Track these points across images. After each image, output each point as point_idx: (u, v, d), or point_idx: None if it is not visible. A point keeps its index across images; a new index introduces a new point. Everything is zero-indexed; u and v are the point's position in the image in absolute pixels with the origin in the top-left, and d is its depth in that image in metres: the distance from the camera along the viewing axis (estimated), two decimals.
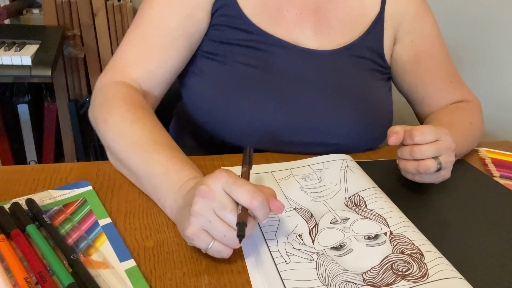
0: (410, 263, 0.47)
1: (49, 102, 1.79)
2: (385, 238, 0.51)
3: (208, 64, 0.73)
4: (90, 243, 0.48)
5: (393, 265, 0.47)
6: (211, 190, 0.44)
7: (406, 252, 0.49)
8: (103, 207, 0.55)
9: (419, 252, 0.49)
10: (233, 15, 0.72)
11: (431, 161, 0.59)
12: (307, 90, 0.72)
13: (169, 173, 0.53)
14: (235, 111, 0.70)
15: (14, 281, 0.41)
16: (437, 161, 0.59)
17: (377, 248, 0.50)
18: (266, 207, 0.45)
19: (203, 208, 0.44)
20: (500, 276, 0.49)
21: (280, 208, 0.46)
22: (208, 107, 0.72)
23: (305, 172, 0.67)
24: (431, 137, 0.59)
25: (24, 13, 1.72)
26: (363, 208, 0.57)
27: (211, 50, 0.73)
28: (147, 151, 0.55)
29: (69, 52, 1.69)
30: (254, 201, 0.43)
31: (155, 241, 0.51)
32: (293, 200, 0.60)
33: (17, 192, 0.57)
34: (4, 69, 1.37)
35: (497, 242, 0.55)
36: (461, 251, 0.53)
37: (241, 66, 0.71)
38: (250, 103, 0.70)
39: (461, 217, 0.60)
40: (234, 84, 0.71)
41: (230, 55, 0.72)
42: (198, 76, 0.74)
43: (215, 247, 0.45)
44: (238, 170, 0.67)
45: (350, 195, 0.60)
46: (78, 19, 1.68)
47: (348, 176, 0.65)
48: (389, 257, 0.48)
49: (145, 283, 0.44)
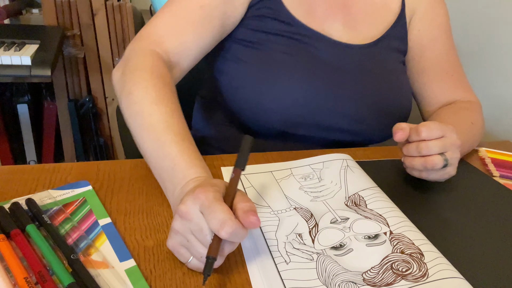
0: (410, 263, 0.47)
1: (49, 102, 1.79)
2: (385, 237, 0.51)
3: (248, 52, 0.76)
4: (90, 243, 0.48)
5: (393, 265, 0.47)
6: (188, 212, 0.44)
7: (406, 252, 0.49)
8: (103, 207, 0.55)
9: (419, 252, 0.49)
10: (274, 7, 0.76)
11: (437, 157, 0.60)
12: (344, 81, 0.76)
13: (176, 169, 0.53)
14: (277, 97, 0.73)
15: (14, 281, 0.41)
16: (443, 157, 0.60)
17: (377, 247, 0.50)
18: (237, 236, 0.43)
19: (181, 227, 0.45)
20: (500, 276, 0.49)
21: (255, 223, 0.44)
22: (249, 93, 0.75)
23: (305, 171, 0.67)
24: (438, 133, 0.60)
25: (24, 13, 1.72)
26: (363, 207, 0.57)
27: (250, 38, 0.76)
28: (160, 140, 0.55)
29: (69, 52, 1.69)
30: (222, 231, 0.42)
31: (155, 241, 0.51)
32: (293, 200, 0.60)
33: (17, 192, 0.57)
34: (4, 69, 1.37)
35: (497, 241, 0.55)
36: (461, 251, 0.53)
37: (282, 55, 0.75)
38: (292, 87, 0.73)
39: (461, 217, 0.60)
40: (277, 69, 0.74)
41: (271, 44, 0.75)
42: (238, 64, 0.77)
43: (194, 263, 0.45)
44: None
45: (350, 194, 0.60)
46: (77, 19, 1.68)
47: (348, 175, 0.65)
48: (389, 256, 0.48)
49: (145, 283, 0.44)
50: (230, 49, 0.78)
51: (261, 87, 0.74)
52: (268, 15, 0.76)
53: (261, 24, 0.76)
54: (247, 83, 0.75)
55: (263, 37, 0.76)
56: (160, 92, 0.60)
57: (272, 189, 0.62)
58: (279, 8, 0.76)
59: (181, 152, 0.54)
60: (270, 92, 0.73)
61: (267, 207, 0.58)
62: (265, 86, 0.73)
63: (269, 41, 0.76)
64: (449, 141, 0.60)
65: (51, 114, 1.80)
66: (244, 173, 0.66)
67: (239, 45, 0.77)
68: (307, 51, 0.76)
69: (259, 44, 0.76)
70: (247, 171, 0.67)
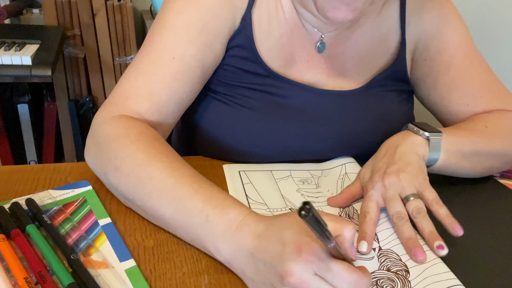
0: (394, 281, 0.47)
1: (49, 102, 1.79)
2: (373, 254, 0.51)
3: (214, 105, 0.70)
4: (90, 243, 0.48)
5: (378, 282, 0.47)
6: (303, 282, 0.38)
7: (392, 270, 0.49)
8: (103, 207, 0.55)
9: (405, 269, 0.49)
10: (247, 56, 0.67)
11: (405, 207, 0.55)
12: (321, 127, 0.69)
13: (211, 220, 0.46)
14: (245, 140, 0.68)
15: (14, 281, 0.41)
16: (405, 200, 0.55)
17: (365, 263, 0.50)
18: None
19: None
20: (499, 275, 0.49)
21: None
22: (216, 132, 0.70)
23: (303, 175, 0.67)
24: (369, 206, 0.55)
25: (24, 13, 1.72)
26: (355, 221, 0.57)
27: (217, 89, 0.70)
28: (175, 199, 0.48)
29: (69, 52, 1.69)
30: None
31: (155, 241, 0.51)
32: (289, 201, 0.60)
33: (17, 192, 0.57)
34: (4, 69, 1.37)
35: (498, 241, 0.55)
36: (461, 250, 0.53)
37: (249, 111, 0.68)
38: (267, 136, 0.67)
39: (460, 216, 0.60)
40: (244, 128, 0.68)
41: (239, 97, 0.68)
42: (203, 116, 0.71)
43: None
44: (236, 167, 0.67)
45: (344, 206, 0.61)
46: (78, 19, 1.68)
47: (345, 185, 0.64)
48: (375, 273, 0.48)
49: (145, 283, 0.44)
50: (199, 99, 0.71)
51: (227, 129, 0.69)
52: (238, 65, 0.67)
53: (229, 74, 0.68)
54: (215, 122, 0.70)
55: (232, 90, 0.69)
56: (148, 150, 0.52)
57: (270, 188, 0.63)
58: (254, 58, 0.67)
59: (204, 198, 0.47)
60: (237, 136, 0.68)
61: (263, 204, 0.58)
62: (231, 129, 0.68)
63: (239, 94, 0.68)
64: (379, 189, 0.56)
65: (52, 114, 1.80)
66: (244, 170, 0.67)
67: (207, 96, 0.71)
68: (279, 104, 0.68)
69: (226, 96, 0.69)
70: (247, 168, 0.67)
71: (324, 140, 0.69)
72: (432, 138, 0.60)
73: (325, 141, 0.70)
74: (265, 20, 0.67)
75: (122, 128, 0.55)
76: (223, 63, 0.68)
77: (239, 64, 0.67)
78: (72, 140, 1.85)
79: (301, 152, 0.70)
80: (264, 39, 0.67)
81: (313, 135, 0.69)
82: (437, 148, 0.61)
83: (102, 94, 1.81)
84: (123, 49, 1.75)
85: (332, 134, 0.70)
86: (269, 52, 0.68)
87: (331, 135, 0.70)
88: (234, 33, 0.66)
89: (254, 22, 0.66)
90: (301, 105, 0.69)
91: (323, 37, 0.70)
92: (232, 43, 0.66)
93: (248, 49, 0.67)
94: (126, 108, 0.59)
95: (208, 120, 0.71)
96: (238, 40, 0.66)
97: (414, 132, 0.62)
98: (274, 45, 0.68)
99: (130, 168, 0.52)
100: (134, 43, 1.75)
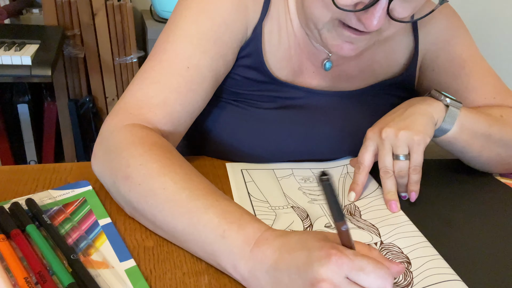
0: None
1: (49, 102, 1.79)
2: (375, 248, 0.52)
3: (219, 106, 0.70)
4: (90, 243, 0.48)
5: None
6: (336, 286, 0.37)
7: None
8: (103, 207, 0.55)
9: (407, 261, 0.50)
10: (254, 66, 0.67)
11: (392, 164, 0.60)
12: (326, 127, 0.70)
13: (228, 236, 0.44)
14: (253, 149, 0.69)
15: (14, 281, 0.41)
16: (395, 158, 0.59)
17: None
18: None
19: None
20: (500, 275, 0.49)
21: (402, 268, 0.42)
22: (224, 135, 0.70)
23: (305, 174, 0.67)
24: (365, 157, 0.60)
25: (24, 13, 1.72)
26: (357, 217, 0.58)
27: (223, 95, 0.70)
28: (190, 212, 0.46)
29: (69, 52, 1.70)
30: (389, 286, 0.38)
31: (155, 241, 0.51)
32: (291, 199, 0.60)
33: (17, 192, 0.57)
34: (4, 69, 1.37)
35: (498, 240, 0.55)
36: (462, 250, 0.53)
37: (254, 113, 0.69)
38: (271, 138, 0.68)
39: (461, 215, 0.60)
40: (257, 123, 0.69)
41: (244, 100, 0.69)
42: (207, 116, 0.71)
43: None
44: (238, 166, 0.67)
45: (346, 204, 0.61)
46: (78, 19, 1.68)
47: (347, 184, 0.66)
48: None
49: (145, 283, 0.44)
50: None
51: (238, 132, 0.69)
52: (244, 74, 0.67)
53: (235, 82, 0.68)
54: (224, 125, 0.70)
55: (239, 96, 0.69)
56: (162, 160, 0.50)
57: (272, 186, 0.63)
58: (260, 67, 0.67)
59: (220, 213, 0.45)
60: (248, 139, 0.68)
61: (265, 202, 0.59)
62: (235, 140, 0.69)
63: (246, 98, 0.69)
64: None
65: (51, 114, 1.80)
66: (246, 168, 0.67)
67: (219, 99, 0.71)
68: (283, 104, 0.69)
69: (234, 101, 0.70)
70: (249, 167, 0.67)
71: (329, 140, 0.70)
72: (452, 105, 0.62)
73: (329, 141, 0.70)
74: (275, 32, 0.67)
75: (135, 137, 0.54)
76: (232, 72, 0.67)
77: (246, 73, 0.67)
78: (72, 140, 1.85)
79: (305, 153, 0.70)
80: (274, 50, 0.68)
81: (318, 135, 0.69)
82: (453, 117, 0.62)
83: (102, 94, 1.82)
84: (123, 49, 1.75)
85: (337, 134, 0.70)
86: (277, 63, 0.68)
87: (336, 135, 0.70)
88: (245, 43, 0.66)
89: (264, 33, 0.66)
90: (306, 106, 0.70)
91: (330, 56, 0.70)
92: (242, 53, 0.66)
93: (256, 59, 0.66)
94: (139, 117, 0.57)
95: (212, 120, 0.71)
96: (248, 49, 0.66)
97: (435, 97, 0.63)
98: (282, 56, 0.68)
99: (142, 177, 0.49)
100: (134, 43, 1.75)
